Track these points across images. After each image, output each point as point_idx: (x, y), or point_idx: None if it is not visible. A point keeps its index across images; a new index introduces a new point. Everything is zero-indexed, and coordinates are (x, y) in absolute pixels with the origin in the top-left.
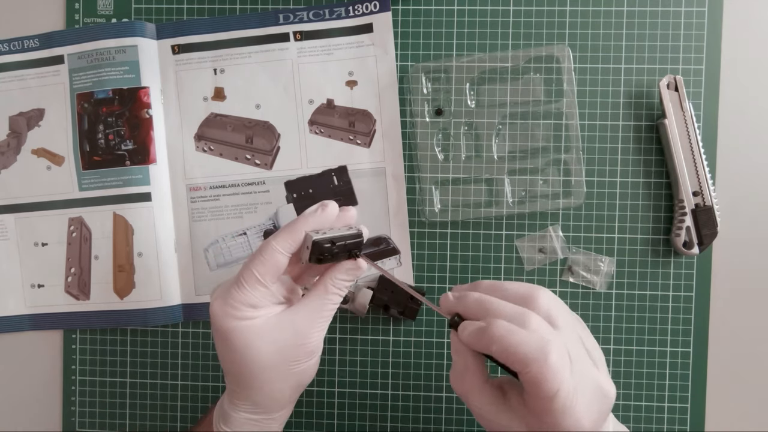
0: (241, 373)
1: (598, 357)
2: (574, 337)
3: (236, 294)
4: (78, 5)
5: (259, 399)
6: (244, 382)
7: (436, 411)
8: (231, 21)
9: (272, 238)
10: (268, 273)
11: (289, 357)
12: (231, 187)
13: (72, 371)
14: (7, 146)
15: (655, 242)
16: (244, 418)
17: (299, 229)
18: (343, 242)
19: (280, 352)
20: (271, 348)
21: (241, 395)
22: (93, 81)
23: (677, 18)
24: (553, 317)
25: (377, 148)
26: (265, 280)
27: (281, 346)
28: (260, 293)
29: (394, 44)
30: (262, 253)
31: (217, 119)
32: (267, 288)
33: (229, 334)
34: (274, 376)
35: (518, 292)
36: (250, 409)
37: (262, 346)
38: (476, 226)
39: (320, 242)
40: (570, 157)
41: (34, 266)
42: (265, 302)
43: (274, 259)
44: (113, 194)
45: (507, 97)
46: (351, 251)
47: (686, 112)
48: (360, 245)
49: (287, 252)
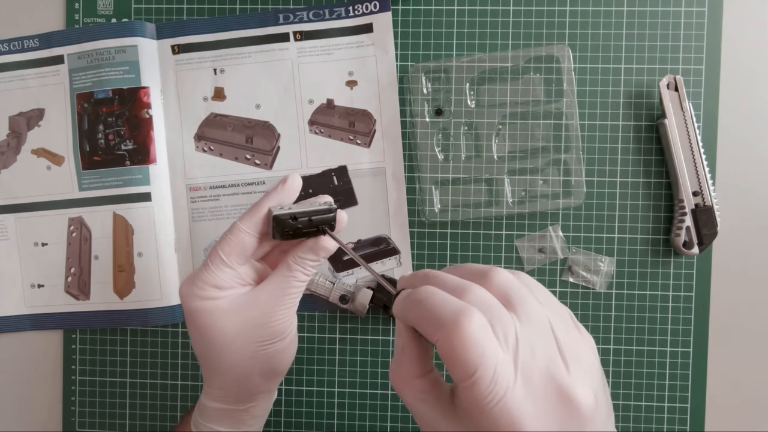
0: (208, 356)
1: (579, 359)
2: (539, 326)
3: (202, 274)
4: (78, 5)
5: (228, 384)
6: (211, 364)
7: None
8: (231, 21)
9: (239, 219)
10: (233, 253)
11: (254, 337)
12: (231, 187)
13: (72, 371)
14: (7, 146)
15: (655, 242)
16: (216, 409)
17: (262, 205)
18: (307, 217)
19: (244, 332)
20: (236, 329)
21: (212, 382)
22: (93, 81)
23: (677, 18)
24: (510, 298)
25: (377, 148)
26: (230, 260)
27: (245, 327)
28: (225, 274)
29: (394, 44)
30: (228, 234)
31: (217, 119)
32: (233, 269)
33: (194, 314)
34: (241, 359)
35: (473, 269)
36: (220, 397)
37: (225, 326)
38: (476, 226)
39: (280, 217)
40: (570, 157)
41: (34, 266)
42: (231, 283)
43: (239, 239)
44: (113, 194)
45: (507, 97)
46: (319, 227)
47: (686, 112)
48: (330, 221)
49: (253, 231)
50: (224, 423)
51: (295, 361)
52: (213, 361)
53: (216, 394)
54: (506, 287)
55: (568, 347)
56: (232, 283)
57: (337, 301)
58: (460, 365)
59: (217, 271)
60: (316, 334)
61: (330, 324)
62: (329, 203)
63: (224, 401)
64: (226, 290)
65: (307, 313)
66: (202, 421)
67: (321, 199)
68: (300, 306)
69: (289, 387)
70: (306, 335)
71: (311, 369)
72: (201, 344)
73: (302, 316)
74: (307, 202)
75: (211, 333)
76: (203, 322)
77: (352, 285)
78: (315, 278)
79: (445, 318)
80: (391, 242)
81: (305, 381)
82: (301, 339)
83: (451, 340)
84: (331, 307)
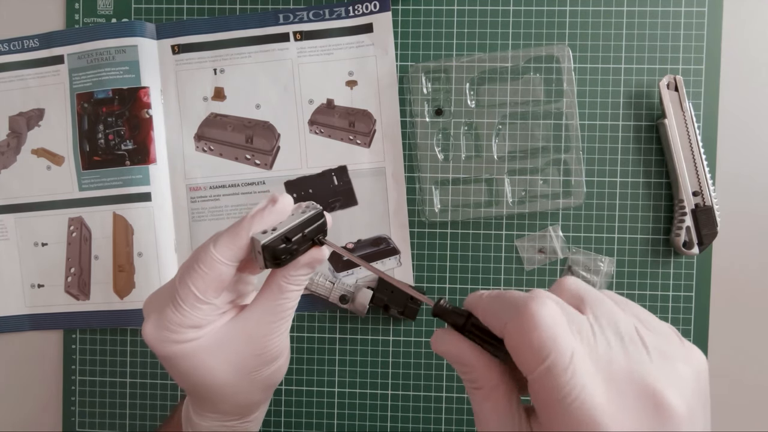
0: (199, 393)
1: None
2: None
3: (173, 316)
4: (78, 5)
5: (227, 409)
6: (204, 400)
7: (436, 411)
8: (231, 21)
9: (212, 244)
10: (209, 288)
11: (248, 368)
12: (231, 187)
13: (72, 371)
14: (7, 146)
15: (655, 242)
16: (217, 426)
17: (243, 233)
18: (301, 233)
19: (236, 366)
20: (226, 365)
21: (206, 408)
22: (93, 81)
23: (677, 18)
24: (583, 299)
25: (377, 148)
26: (206, 297)
27: (237, 360)
28: (202, 312)
29: (394, 44)
30: (201, 265)
31: (217, 119)
32: (210, 303)
33: (172, 359)
34: (237, 390)
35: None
36: (219, 418)
37: (214, 365)
38: (476, 226)
39: (272, 245)
40: (570, 157)
41: (34, 266)
42: (210, 318)
43: (216, 272)
44: (113, 194)
45: (507, 97)
46: (314, 238)
47: (686, 112)
48: (323, 227)
49: (232, 261)
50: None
51: (295, 361)
52: (207, 398)
53: (214, 416)
54: (577, 290)
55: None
56: (211, 318)
57: (337, 301)
58: (531, 349)
59: (192, 310)
60: (316, 334)
61: (330, 324)
62: (312, 206)
63: (224, 420)
64: (205, 327)
65: (307, 313)
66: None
67: (300, 207)
68: (300, 306)
69: (289, 387)
70: (306, 335)
71: (311, 369)
72: (188, 385)
73: (302, 316)
74: (285, 214)
75: (199, 375)
76: (186, 365)
77: (352, 285)
78: (315, 278)
79: (516, 304)
80: (391, 242)
81: (305, 381)
82: (301, 339)
83: (521, 322)
84: (331, 307)
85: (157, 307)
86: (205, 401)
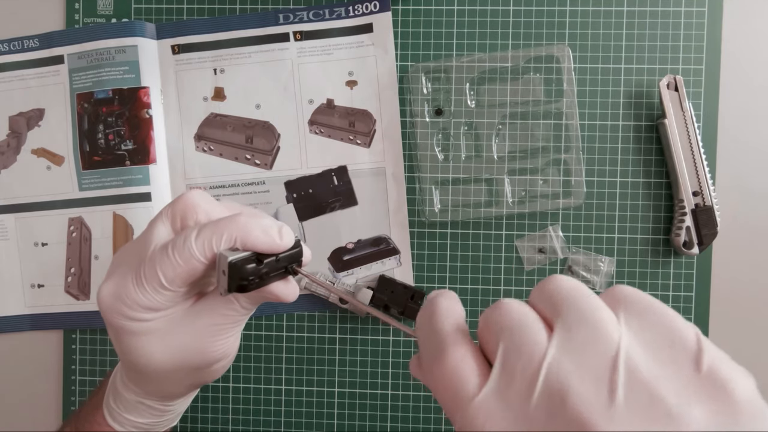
0: (132, 370)
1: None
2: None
3: (134, 294)
4: (78, 5)
5: (152, 390)
6: (135, 376)
7: (436, 411)
8: (231, 21)
9: (193, 236)
10: (178, 279)
11: (187, 364)
12: (231, 187)
13: (72, 371)
14: (7, 146)
15: (655, 242)
16: (135, 401)
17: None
18: (274, 257)
19: (176, 358)
20: (167, 355)
21: (131, 380)
22: (93, 81)
23: (677, 18)
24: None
25: (377, 148)
26: (173, 285)
27: (179, 353)
28: (164, 297)
29: (394, 44)
30: (175, 254)
31: (217, 119)
32: (173, 292)
33: (118, 332)
34: (169, 378)
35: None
36: (141, 394)
37: (155, 351)
38: (476, 226)
39: (240, 264)
40: (570, 157)
41: (34, 266)
42: (168, 304)
43: (190, 266)
44: (113, 194)
45: (507, 97)
46: (287, 267)
47: (686, 112)
48: (299, 256)
49: (208, 260)
50: (144, 415)
51: (295, 361)
52: (138, 376)
53: (137, 390)
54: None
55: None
56: (168, 304)
57: (337, 301)
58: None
59: (154, 293)
60: (316, 334)
61: (330, 324)
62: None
63: (145, 398)
64: (159, 311)
65: (307, 313)
66: (117, 409)
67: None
68: (300, 306)
69: (289, 387)
70: (306, 335)
71: (311, 369)
72: (124, 359)
73: (302, 316)
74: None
75: (138, 354)
76: (129, 342)
77: (352, 285)
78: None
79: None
80: (391, 242)
81: (305, 381)
82: (301, 339)
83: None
84: (331, 307)
85: (123, 267)
86: (133, 375)
